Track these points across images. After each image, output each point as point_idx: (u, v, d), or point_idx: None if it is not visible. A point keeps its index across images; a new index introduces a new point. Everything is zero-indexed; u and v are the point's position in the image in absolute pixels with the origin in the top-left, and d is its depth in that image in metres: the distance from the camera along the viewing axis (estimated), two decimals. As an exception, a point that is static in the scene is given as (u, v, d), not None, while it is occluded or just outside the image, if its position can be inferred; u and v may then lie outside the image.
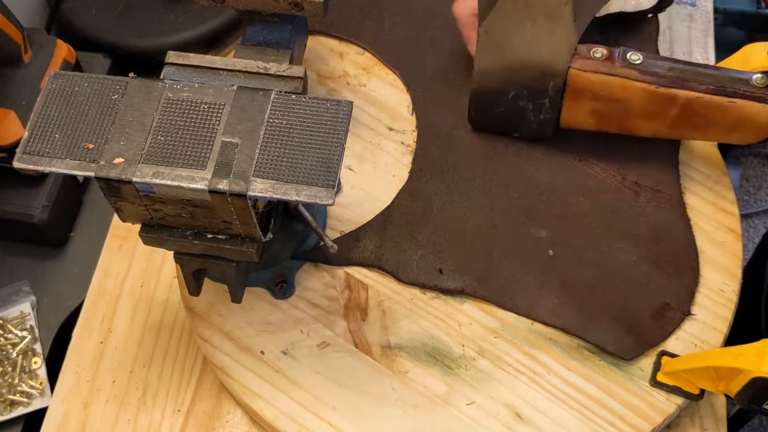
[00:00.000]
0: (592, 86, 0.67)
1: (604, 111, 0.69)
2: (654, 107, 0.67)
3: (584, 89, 0.68)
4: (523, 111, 0.72)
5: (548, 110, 0.71)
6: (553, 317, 0.68)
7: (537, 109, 0.71)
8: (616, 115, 0.69)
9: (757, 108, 0.65)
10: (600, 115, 0.70)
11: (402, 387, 0.66)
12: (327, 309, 0.69)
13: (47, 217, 0.78)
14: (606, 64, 0.67)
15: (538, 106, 0.71)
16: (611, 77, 0.67)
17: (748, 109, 0.65)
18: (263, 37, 0.65)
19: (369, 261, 0.71)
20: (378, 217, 0.73)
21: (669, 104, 0.66)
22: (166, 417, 0.70)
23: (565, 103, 0.70)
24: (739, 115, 0.65)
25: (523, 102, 0.71)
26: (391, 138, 0.78)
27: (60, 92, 0.54)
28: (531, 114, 0.72)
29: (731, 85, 0.65)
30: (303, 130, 0.53)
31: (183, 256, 0.61)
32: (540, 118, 0.72)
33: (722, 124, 0.67)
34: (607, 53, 0.67)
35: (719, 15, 1.47)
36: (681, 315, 0.68)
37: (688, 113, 0.67)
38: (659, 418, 0.64)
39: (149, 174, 0.52)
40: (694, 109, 0.66)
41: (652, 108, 0.67)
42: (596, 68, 0.67)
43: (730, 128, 0.67)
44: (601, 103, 0.68)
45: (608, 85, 0.67)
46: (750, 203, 1.65)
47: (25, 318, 0.77)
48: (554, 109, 0.71)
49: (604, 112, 0.69)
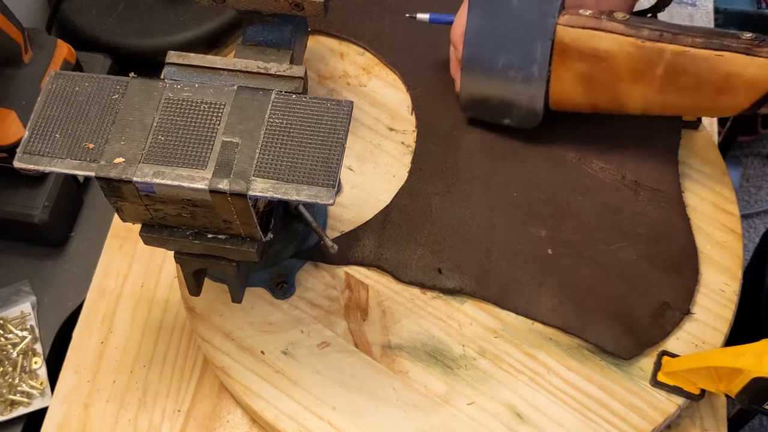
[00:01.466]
0: (579, 43, 0.67)
1: (591, 74, 0.68)
2: (641, 65, 0.66)
3: (571, 47, 0.67)
4: (512, 85, 0.71)
5: (537, 80, 0.70)
6: (552, 317, 0.68)
7: (526, 79, 0.70)
8: (603, 80, 0.68)
9: (744, 60, 0.64)
10: (588, 81, 0.69)
11: (402, 387, 0.66)
12: (327, 309, 0.70)
13: (47, 217, 0.78)
14: (592, 20, 0.67)
15: (527, 75, 0.70)
16: (598, 32, 0.66)
17: (735, 62, 0.64)
18: (263, 37, 0.65)
19: (368, 260, 0.71)
20: (377, 216, 0.73)
21: (656, 59, 0.66)
22: (166, 417, 0.70)
23: (553, 68, 0.69)
24: (726, 71, 0.64)
25: (513, 72, 0.70)
26: (392, 138, 0.78)
27: (60, 92, 0.54)
28: (521, 87, 0.71)
29: (718, 39, 0.65)
30: (303, 130, 0.53)
31: (183, 256, 0.61)
32: (530, 92, 0.71)
33: (710, 84, 0.66)
34: (594, 12, 0.67)
35: (719, 15, 1.47)
36: (680, 314, 0.68)
37: (675, 70, 0.66)
38: (660, 418, 0.64)
39: (150, 174, 0.52)
40: (681, 65, 0.65)
41: (639, 66, 0.67)
42: (583, 23, 0.67)
43: (719, 89, 0.66)
44: (588, 64, 0.68)
45: (596, 39, 0.66)
46: (750, 203, 1.65)
47: (25, 318, 0.77)
48: (542, 78, 0.70)
49: (591, 76, 0.68)
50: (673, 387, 0.65)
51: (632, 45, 0.66)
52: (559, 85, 0.70)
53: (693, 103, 0.69)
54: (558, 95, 0.71)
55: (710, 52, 0.64)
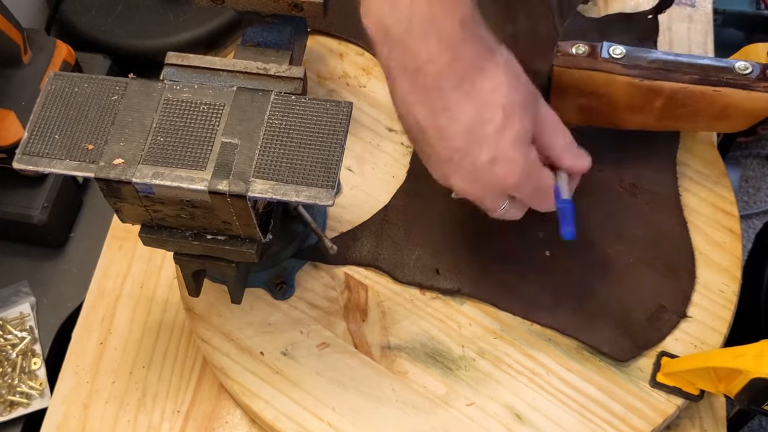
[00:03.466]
0: (576, 83, 0.67)
1: (590, 106, 0.69)
2: (639, 100, 0.67)
3: (569, 86, 0.68)
4: None
5: None
6: (549, 318, 0.68)
7: None
8: (603, 110, 0.69)
9: (742, 95, 0.64)
10: (587, 111, 0.69)
11: (402, 388, 0.66)
12: (327, 310, 0.69)
13: (47, 217, 0.78)
14: (588, 60, 0.67)
15: None
16: (595, 72, 0.66)
17: (733, 97, 0.65)
18: (263, 38, 0.65)
19: (366, 261, 0.71)
20: (375, 216, 0.73)
21: (654, 96, 0.66)
22: (165, 418, 0.70)
23: (552, 100, 0.69)
24: (724, 103, 0.65)
25: None
26: (391, 139, 0.78)
27: (59, 93, 0.54)
28: None
29: (715, 74, 0.65)
30: (303, 131, 0.53)
31: (183, 257, 0.61)
32: None
33: (708, 113, 0.66)
34: (589, 49, 0.67)
35: (719, 16, 1.47)
36: (677, 317, 0.68)
37: (673, 104, 0.66)
38: (659, 419, 0.64)
39: (149, 175, 0.52)
40: (680, 100, 0.66)
41: (638, 101, 0.67)
42: (579, 64, 0.67)
43: (717, 117, 0.67)
44: (587, 98, 0.68)
45: (592, 80, 0.66)
46: (749, 204, 1.65)
47: (24, 319, 0.77)
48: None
49: (591, 107, 0.69)
50: (672, 388, 0.65)
51: (629, 84, 0.66)
52: (558, 113, 0.70)
53: (691, 126, 0.70)
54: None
55: (707, 87, 0.65)
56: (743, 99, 0.64)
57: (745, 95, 0.64)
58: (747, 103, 0.65)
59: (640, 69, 0.66)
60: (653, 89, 0.66)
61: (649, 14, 0.80)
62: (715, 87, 0.64)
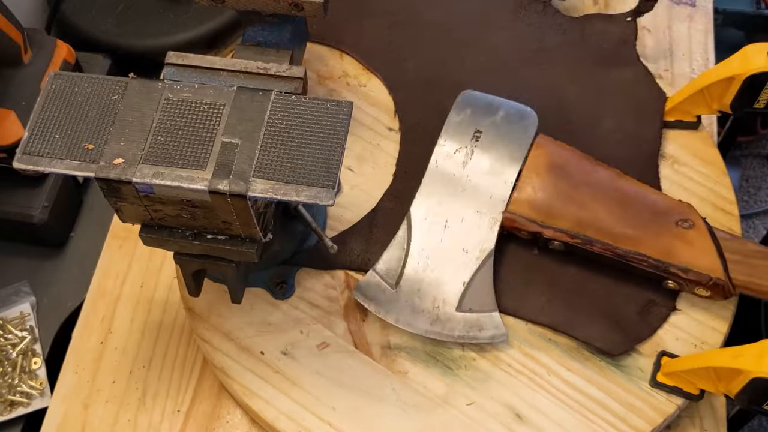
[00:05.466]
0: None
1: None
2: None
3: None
4: None
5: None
6: (540, 315, 0.68)
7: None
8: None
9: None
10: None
11: (402, 387, 0.66)
12: (327, 309, 0.70)
13: (47, 217, 0.78)
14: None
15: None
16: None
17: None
18: (263, 38, 0.65)
19: (356, 264, 0.71)
20: (363, 220, 0.73)
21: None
22: (165, 417, 0.70)
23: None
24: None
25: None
26: (391, 138, 0.78)
27: (60, 93, 0.54)
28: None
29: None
30: (303, 131, 0.53)
31: (183, 257, 0.61)
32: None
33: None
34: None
35: (719, 15, 1.46)
36: (666, 311, 0.68)
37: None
38: (659, 419, 0.64)
39: (149, 174, 0.52)
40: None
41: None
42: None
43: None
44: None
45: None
46: (750, 204, 1.65)
47: (24, 318, 0.77)
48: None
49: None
50: (672, 387, 0.65)
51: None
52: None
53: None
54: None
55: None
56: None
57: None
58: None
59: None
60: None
61: (627, 17, 0.80)
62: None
